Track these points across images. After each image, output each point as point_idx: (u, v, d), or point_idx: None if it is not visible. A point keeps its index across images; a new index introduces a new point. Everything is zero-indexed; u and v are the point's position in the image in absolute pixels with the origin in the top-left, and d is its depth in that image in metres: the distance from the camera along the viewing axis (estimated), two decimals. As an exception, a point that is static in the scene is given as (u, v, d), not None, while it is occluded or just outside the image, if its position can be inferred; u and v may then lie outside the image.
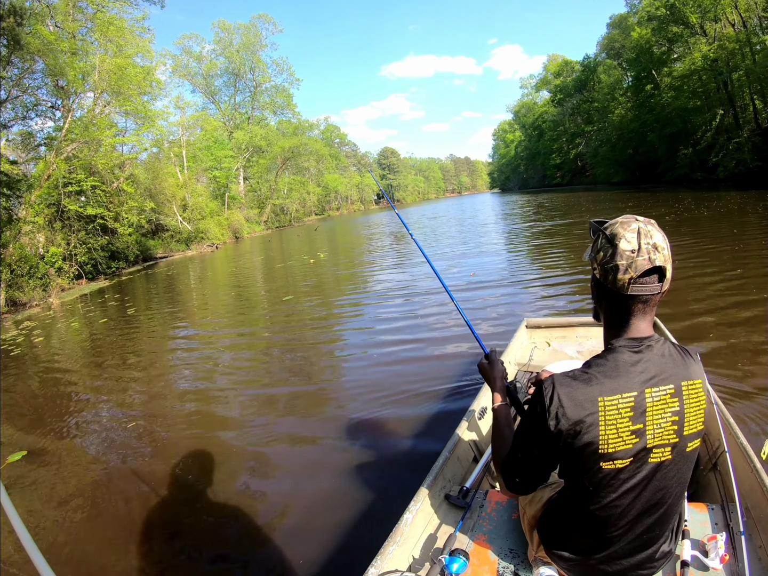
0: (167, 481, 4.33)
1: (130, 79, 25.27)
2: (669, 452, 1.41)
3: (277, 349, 8.06)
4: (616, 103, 52.49)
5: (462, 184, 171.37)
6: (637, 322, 1.43)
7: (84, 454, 5.12)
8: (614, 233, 1.39)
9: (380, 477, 3.88)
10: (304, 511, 3.59)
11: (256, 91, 65.48)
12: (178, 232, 36.22)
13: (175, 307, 13.73)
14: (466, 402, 4.59)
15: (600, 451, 1.38)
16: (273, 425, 5.17)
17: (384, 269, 14.98)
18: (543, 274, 10.40)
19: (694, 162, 36.06)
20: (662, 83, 39.34)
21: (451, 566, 1.83)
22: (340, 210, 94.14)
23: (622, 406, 1.36)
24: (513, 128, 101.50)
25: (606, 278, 1.40)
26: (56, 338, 11.52)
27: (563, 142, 73.91)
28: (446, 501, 2.42)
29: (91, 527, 3.83)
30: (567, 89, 68.92)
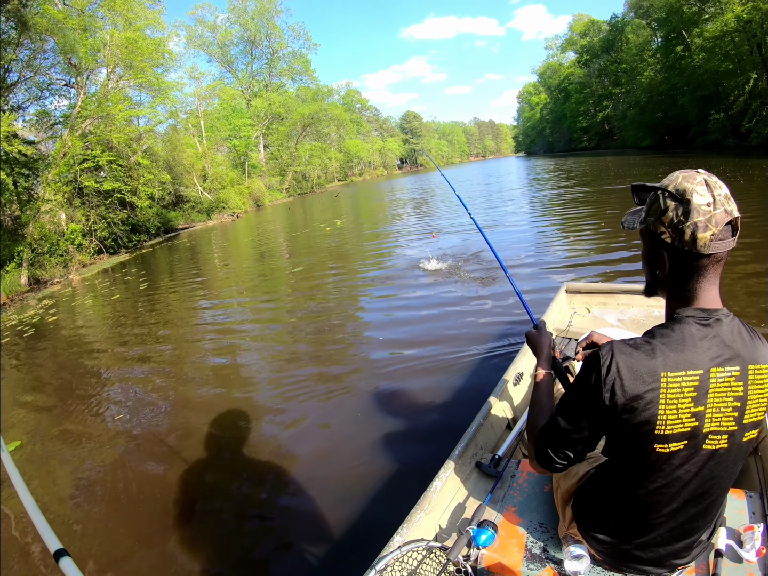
0: (197, 441, 4.51)
1: (142, 52, 25.05)
2: (725, 440, 1.31)
3: (301, 320, 8.10)
4: (645, 65, 50.53)
5: (486, 147, 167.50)
6: (708, 289, 1.32)
7: (112, 420, 5.36)
8: (682, 188, 1.27)
9: (411, 443, 3.92)
10: (333, 476, 3.67)
11: (273, 57, 64.60)
12: (199, 203, 36.28)
13: (195, 277, 13.95)
14: (500, 368, 4.50)
15: (656, 432, 1.29)
16: (301, 390, 5.26)
17: (408, 235, 14.84)
18: (577, 242, 10.19)
19: (726, 127, 34.58)
20: (693, 45, 37.70)
21: (479, 538, 1.79)
22: (363, 175, 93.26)
23: (686, 384, 1.26)
24: (538, 90, 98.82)
25: (682, 240, 1.26)
26: (74, 313, 11.88)
27: (590, 104, 71.78)
28: (477, 469, 2.38)
29: (124, 488, 4.06)
30: (594, 50, 66.78)
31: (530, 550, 1.81)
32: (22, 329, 10.66)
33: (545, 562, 1.76)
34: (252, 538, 3.32)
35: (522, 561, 1.78)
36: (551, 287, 6.90)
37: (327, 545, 3.04)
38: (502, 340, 5.57)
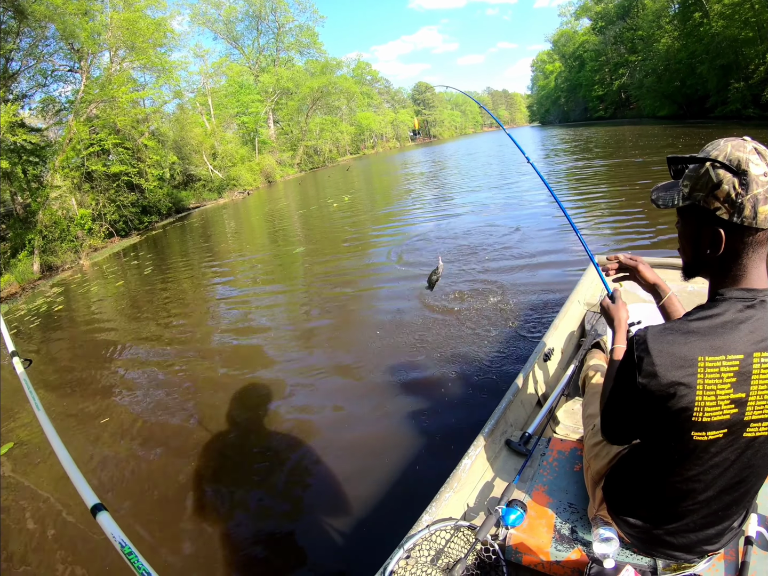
0: (218, 418, 4.66)
1: (142, 33, 24.74)
2: (766, 428, 1.24)
3: (314, 301, 8.20)
4: (662, 32, 49.03)
5: (500, 117, 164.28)
6: (758, 266, 1.24)
7: (132, 400, 5.52)
8: (735, 158, 1.18)
9: (439, 421, 3.92)
10: (361, 455, 3.73)
11: (280, 32, 63.36)
12: (210, 181, 36.12)
13: (206, 258, 14.09)
14: (531, 343, 4.71)
15: (693, 419, 1.22)
16: (323, 371, 5.34)
17: (422, 210, 14.65)
18: (607, 215, 10.04)
19: (746, 97, 33.42)
20: (711, 11, 36.62)
21: (508, 518, 1.77)
22: (375, 148, 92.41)
23: (725, 369, 1.19)
24: (552, 59, 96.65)
25: (741, 215, 1.17)
26: (81, 300, 12.04)
27: (606, 72, 70.12)
28: (507, 447, 2.38)
29: (147, 461, 4.26)
30: (609, 16, 65.05)
31: (559, 530, 1.80)
32: (30, 319, 10.80)
33: (574, 544, 1.74)
34: (280, 514, 3.40)
35: (551, 542, 1.76)
36: (581, 260, 6.93)
37: (356, 525, 3.07)
38: (531, 315, 5.54)
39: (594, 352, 2.70)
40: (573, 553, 1.71)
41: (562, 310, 3.49)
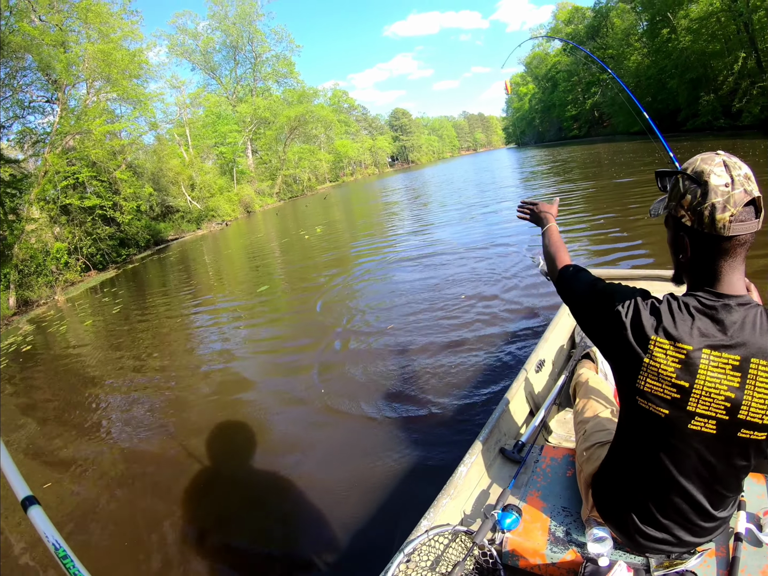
0: (203, 453, 4.53)
1: (117, 64, 24.61)
2: (713, 426, 1.32)
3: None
4: (632, 49, 50.14)
5: (477, 141, 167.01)
6: (729, 273, 1.31)
7: (108, 433, 5.42)
8: (699, 171, 1.29)
9: (435, 430, 3.96)
10: (360, 461, 3.77)
11: (257, 62, 63.91)
12: (188, 212, 35.79)
13: (182, 288, 13.72)
14: (522, 355, 4.80)
15: (637, 384, 1.38)
16: (312, 387, 5.36)
17: (392, 242, 13.84)
18: (595, 234, 9.81)
19: (716, 108, 34.17)
20: (679, 27, 37.47)
21: (504, 521, 1.83)
22: (355, 175, 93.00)
23: (671, 354, 1.31)
24: (526, 81, 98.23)
25: (701, 222, 1.28)
26: (55, 338, 11.48)
27: (578, 92, 71.32)
28: (501, 455, 2.44)
29: (125, 497, 4.16)
30: (579, 37, 66.37)
31: (553, 533, 1.85)
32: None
33: (568, 545, 1.78)
34: (279, 524, 3.43)
35: (546, 544, 1.81)
36: None
37: (357, 531, 3.09)
38: (522, 327, 5.62)
39: (584, 362, 2.81)
40: (568, 554, 1.75)
41: (552, 323, 3.58)
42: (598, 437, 1.97)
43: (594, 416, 2.16)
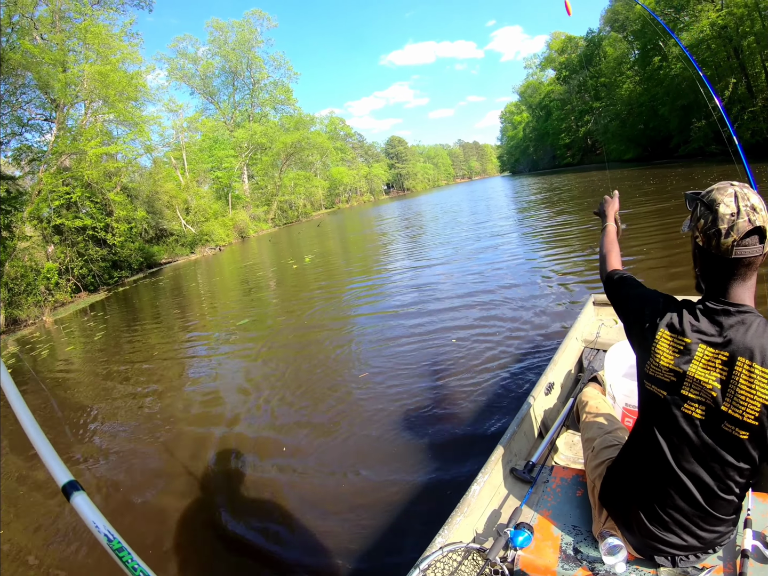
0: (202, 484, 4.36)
1: (114, 86, 24.64)
2: (702, 412, 1.48)
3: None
4: (624, 77, 50.87)
5: (472, 169, 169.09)
6: (736, 289, 1.48)
7: (96, 465, 5.17)
8: (712, 199, 1.47)
9: (448, 450, 4.01)
10: (377, 480, 3.80)
11: (255, 88, 64.66)
12: (183, 236, 35.64)
13: (173, 312, 13.26)
14: (532, 379, 4.86)
15: (645, 369, 1.62)
16: (326, 410, 5.30)
17: (393, 277, 12.63)
18: None
19: (708, 134, 34.43)
20: (670, 54, 38.03)
21: (516, 539, 1.87)
22: (350, 202, 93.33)
23: (674, 344, 1.55)
24: (520, 109, 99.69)
25: (710, 244, 1.47)
26: (40, 362, 11.02)
27: (571, 120, 72.26)
28: (512, 475, 2.48)
29: None
30: (572, 65, 67.49)
31: (565, 551, 1.88)
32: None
33: (579, 562, 1.82)
34: (295, 541, 3.39)
35: (557, 561, 1.84)
36: (578, 300, 7.17)
37: (373, 547, 3.11)
38: (532, 353, 5.65)
39: (591, 385, 2.88)
40: (579, 572, 1.78)
41: (561, 347, 3.67)
42: (607, 454, 2.05)
43: (601, 434, 2.24)
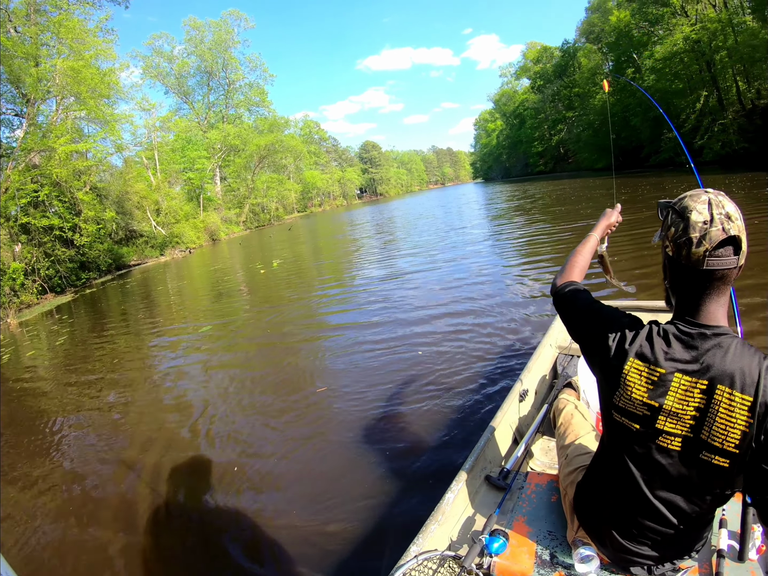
0: (167, 500, 4.15)
1: (86, 83, 23.91)
2: (678, 444, 1.40)
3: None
4: (598, 88, 51.81)
5: (445, 175, 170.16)
6: (709, 305, 1.39)
7: (61, 472, 4.97)
8: (684, 206, 1.38)
9: (421, 459, 3.94)
10: (349, 490, 3.70)
11: (230, 89, 63.81)
12: (153, 238, 34.96)
13: (140, 317, 12.58)
14: (506, 386, 4.78)
15: (614, 399, 1.49)
16: (289, 420, 5.16)
17: (363, 282, 12.59)
18: None
19: (678, 145, 35.20)
20: (643, 66, 38.83)
21: (491, 546, 1.85)
22: (323, 206, 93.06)
23: (646, 375, 1.41)
24: (494, 117, 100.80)
25: (680, 254, 1.38)
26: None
27: (545, 129, 73.35)
28: (486, 482, 2.46)
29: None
30: (547, 75, 68.44)
31: (540, 556, 1.88)
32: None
33: (555, 567, 1.81)
34: (265, 554, 3.29)
35: (533, 567, 1.84)
36: (552, 307, 6.72)
37: (346, 557, 3.04)
38: (506, 360, 5.56)
39: (566, 391, 2.89)
40: None
41: (535, 354, 3.66)
42: (580, 461, 2.02)
43: (575, 441, 2.22)
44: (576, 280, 1.82)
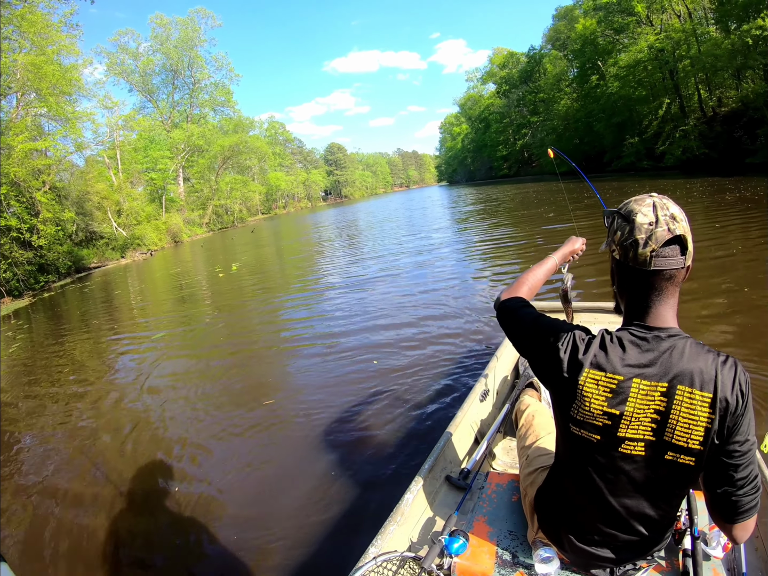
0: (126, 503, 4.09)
1: (48, 79, 23.06)
2: (642, 448, 1.39)
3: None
4: (562, 94, 52.75)
5: (410, 177, 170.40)
6: (657, 306, 1.39)
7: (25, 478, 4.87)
8: (630, 210, 1.39)
9: (379, 461, 3.93)
10: (304, 494, 3.67)
11: (195, 88, 62.43)
12: (114, 239, 34.11)
13: (103, 322, 12.15)
14: (467, 387, 4.77)
15: (571, 412, 1.45)
16: (245, 426, 5.05)
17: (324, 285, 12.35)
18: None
19: (640, 151, 36.54)
20: (608, 74, 39.55)
21: (451, 546, 1.83)
22: (287, 208, 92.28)
23: (603, 384, 1.38)
24: (459, 121, 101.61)
25: (626, 256, 1.38)
26: None
27: (509, 133, 74.16)
28: (447, 482, 2.44)
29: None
30: (512, 80, 69.25)
31: (501, 556, 1.87)
32: None
33: (516, 567, 1.81)
34: (217, 558, 3.23)
35: (494, 567, 1.83)
36: None
37: (302, 561, 3.02)
38: (467, 361, 5.54)
39: (527, 391, 2.89)
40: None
41: (496, 354, 3.63)
42: (541, 462, 2.01)
43: (536, 442, 2.22)
44: (522, 296, 1.76)
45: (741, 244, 8.81)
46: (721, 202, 14.77)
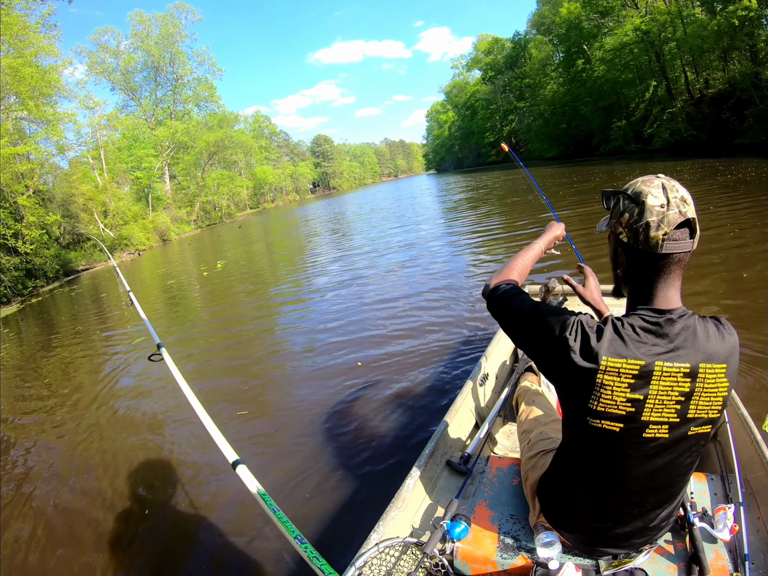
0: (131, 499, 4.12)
1: (26, 81, 22.62)
2: (665, 430, 1.37)
3: None
4: (548, 79, 52.57)
5: (398, 167, 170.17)
6: (665, 289, 1.38)
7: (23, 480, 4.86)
8: (638, 191, 1.36)
9: (380, 447, 3.97)
10: (305, 480, 3.70)
11: (178, 84, 61.25)
12: (102, 241, 33.71)
13: (86, 334, 11.81)
14: (467, 372, 4.74)
15: (589, 405, 1.38)
16: (250, 412, 5.18)
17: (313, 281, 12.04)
18: None
19: (628, 134, 36.54)
20: (593, 57, 39.42)
21: (453, 531, 1.83)
22: (276, 202, 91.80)
23: (625, 370, 1.33)
24: (446, 109, 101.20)
25: (636, 239, 1.35)
26: None
27: (496, 120, 73.98)
28: (448, 467, 2.44)
29: None
30: (498, 66, 68.95)
31: (503, 540, 1.86)
32: None
33: (518, 551, 1.80)
34: (233, 548, 3.25)
35: (496, 551, 1.82)
36: None
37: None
38: (466, 347, 5.59)
39: (526, 375, 2.82)
40: (518, 560, 1.77)
41: (494, 338, 3.65)
42: (542, 446, 1.99)
43: (537, 426, 2.19)
44: (514, 280, 1.71)
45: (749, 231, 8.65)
46: (713, 184, 14.69)
